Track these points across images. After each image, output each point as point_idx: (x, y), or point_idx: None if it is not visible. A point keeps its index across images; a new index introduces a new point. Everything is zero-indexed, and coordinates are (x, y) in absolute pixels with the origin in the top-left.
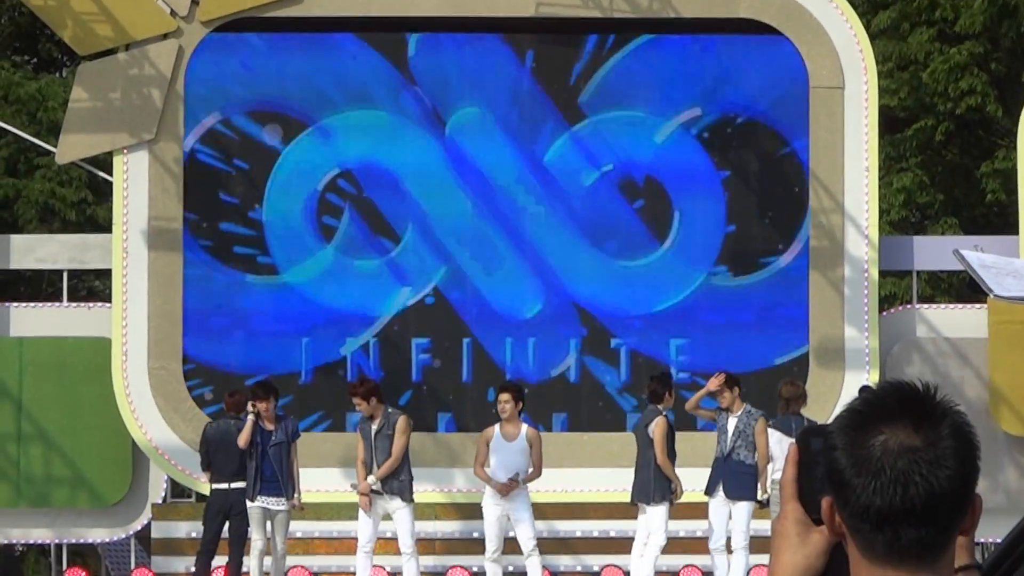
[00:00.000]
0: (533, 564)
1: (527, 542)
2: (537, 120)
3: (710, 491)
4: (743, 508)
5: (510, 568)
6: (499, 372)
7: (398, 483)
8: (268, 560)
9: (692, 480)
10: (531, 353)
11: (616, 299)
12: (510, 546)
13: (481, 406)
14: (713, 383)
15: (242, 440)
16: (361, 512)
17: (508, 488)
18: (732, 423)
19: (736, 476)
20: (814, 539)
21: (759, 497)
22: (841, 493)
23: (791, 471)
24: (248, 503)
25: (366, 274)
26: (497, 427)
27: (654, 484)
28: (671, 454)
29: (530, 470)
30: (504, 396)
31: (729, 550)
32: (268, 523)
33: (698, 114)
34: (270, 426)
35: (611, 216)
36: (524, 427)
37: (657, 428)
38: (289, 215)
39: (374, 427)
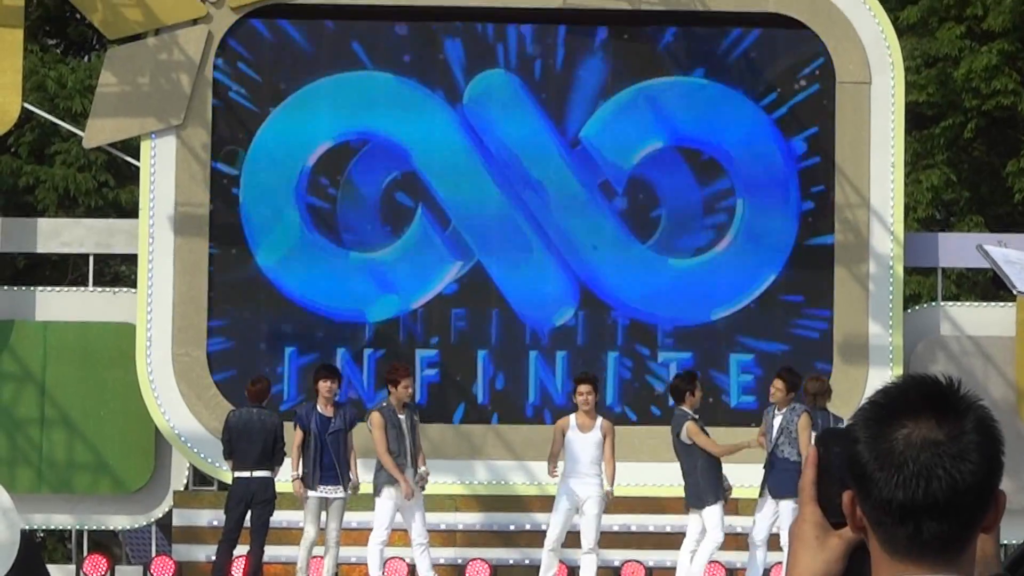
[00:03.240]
0: (588, 562)
1: (589, 538)
2: (571, 89)
3: (760, 489)
4: (787, 506)
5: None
6: (521, 391)
7: (420, 474)
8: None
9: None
10: (560, 370)
11: (665, 305)
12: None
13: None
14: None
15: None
16: (390, 504)
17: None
18: (778, 420)
19: (779, 473)
20: (832, 543)
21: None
22: (863, 486)
23: (810, 474)
24: (309, 492)
25: (363, 269)
26: (572, 418)
27: (704, 486)
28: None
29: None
30: (585, 388)
31: (779, 547)
32: (323, 513)
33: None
34: (329, 412)
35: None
36: (599, 418)
37: (692, 434)
38: (271, 196)
39: (403, 417)
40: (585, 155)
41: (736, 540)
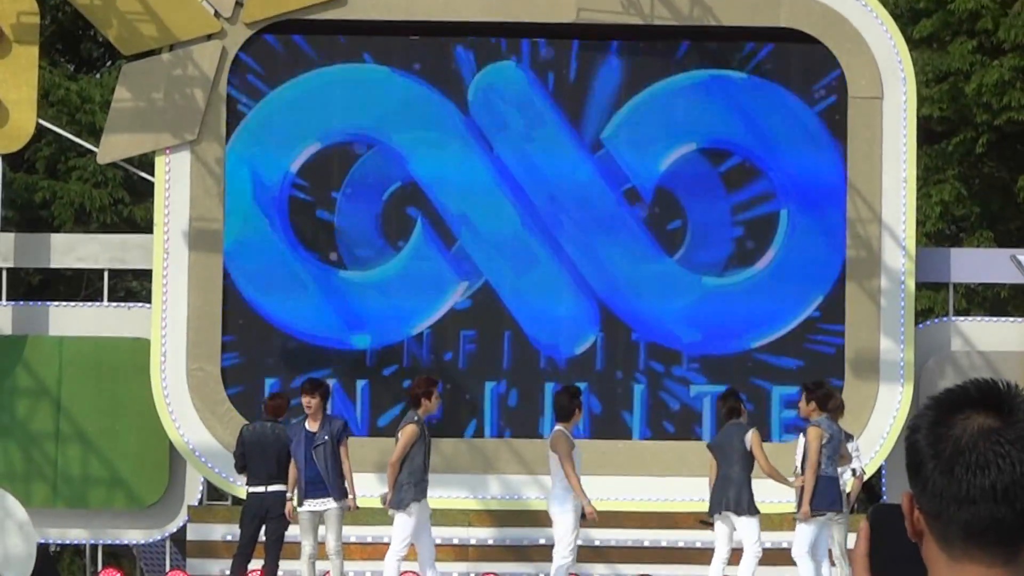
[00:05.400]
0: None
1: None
2: (575, 138)
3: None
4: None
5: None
6: (534, 352)
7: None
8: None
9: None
10: (561, 343)
11: (637, 300)
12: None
13: (522, 389)
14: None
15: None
16: (413, 520)
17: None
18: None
19: (800, 489)
20: None
21: (801, 511)
22: (921, 476)
23: (863, 546)
24: (298, 508)
25: (420, 277)
26: (568, 432)
27: (747, 496)
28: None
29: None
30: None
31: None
32: (320, 527)
33: (694, 148)
34: (313, 426)
35: (635, 227)
36: None
37: (755, 443)
38: (358, 222)
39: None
40: (582, 192)
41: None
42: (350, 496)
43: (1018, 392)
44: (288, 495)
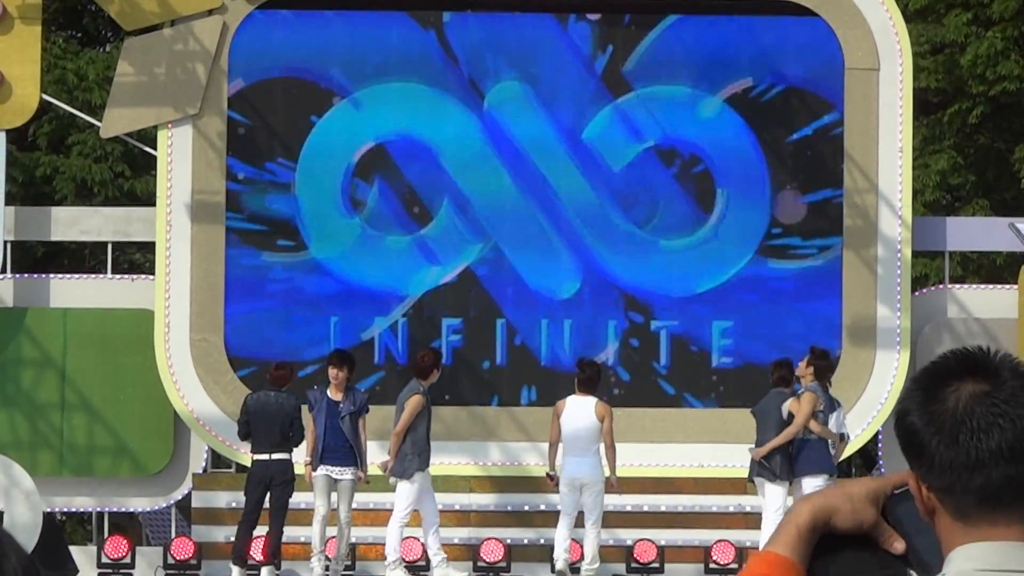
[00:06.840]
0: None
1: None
2: (577, 94)
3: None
4: (803, 485)
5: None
6: (533, 356)
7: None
8: (331, 529)
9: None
10: (567, 336)
11: (657, 280)
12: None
13: (514, 391)
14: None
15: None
16: (416, 488)
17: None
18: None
19: (798, 453)
20: (870, 513)
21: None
22: (924, 457)
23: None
24: (313, 472)
25: (397, 251)
26: None
27: (776, 462)
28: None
29: None
30: None
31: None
32: (333, 493)
33: (748, 85)
34: (338, 396)
35: (652, 194)
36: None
37: (792, 404)
38: (321, 189)
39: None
40: (587, 153)
41: (745, 519)
42: (363, 468)
43: (997, 354)
44: (306, 459)
